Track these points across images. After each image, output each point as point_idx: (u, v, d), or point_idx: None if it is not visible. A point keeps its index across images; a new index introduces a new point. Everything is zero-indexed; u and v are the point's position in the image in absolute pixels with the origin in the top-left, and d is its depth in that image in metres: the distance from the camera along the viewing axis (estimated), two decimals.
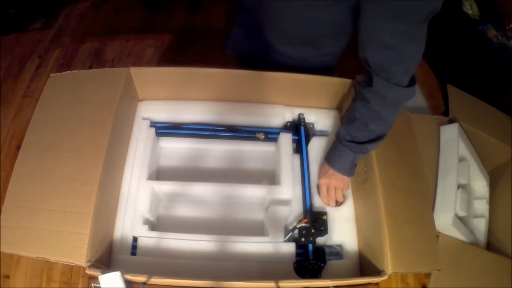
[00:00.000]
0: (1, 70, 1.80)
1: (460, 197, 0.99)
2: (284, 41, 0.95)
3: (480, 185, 1.12)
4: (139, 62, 1.86)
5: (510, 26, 1.58)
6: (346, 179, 0.90)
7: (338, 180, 0.90)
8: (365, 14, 0.71)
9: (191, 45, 2.00)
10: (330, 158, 0.91)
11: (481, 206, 1.11)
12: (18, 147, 0.83)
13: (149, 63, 1.85)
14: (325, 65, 1.04)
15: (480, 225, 1.07)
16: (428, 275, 0.94)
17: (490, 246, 1.06)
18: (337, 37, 0.93)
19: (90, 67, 1.78)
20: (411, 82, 0.76)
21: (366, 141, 0.83)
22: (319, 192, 0.95)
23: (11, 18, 2.02)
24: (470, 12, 1.65)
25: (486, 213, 1.09)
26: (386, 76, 0.74)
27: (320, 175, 0.94)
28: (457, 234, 0.96)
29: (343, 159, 0.87)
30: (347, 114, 0.86)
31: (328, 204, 0.94)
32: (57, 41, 1.94)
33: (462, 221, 0.98)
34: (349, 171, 0.88)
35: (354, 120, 0.83)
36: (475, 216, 1.09)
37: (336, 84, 0.98)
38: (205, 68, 0.95)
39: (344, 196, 0.95)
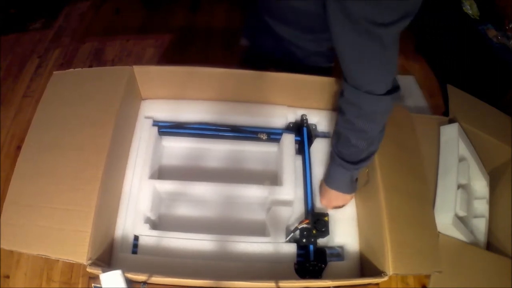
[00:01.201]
0: (1, 70, 1.80)
1: (460, 197, 1.00)
2: (285, 30, 0.95)
3: (480, 185, 1.13)
4: (139, 62, 1.86)
5: (510, 26, 1.58)
6: (347, 196, 0.89)
7: (338, 199, 0.89)
8: (327, 11, 0.66)
9: (191, 45, 2.00)
10: (327, 179, 0.89)
11: (481, 206, 1.11)
12: (18, 147, 0.83)
13: (149, 63, 1.85)
14: (326, 56, 1.03)
15: (480, 225, 1.08)
16: (428, 275, 0.94)
17: (490, 246, 1.06)
18: None
19: (90, 67, 1.78)
20: (391, 91, 0.70)
21: (355, 161, 0.79)
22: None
23: (11, 18, 2.02)
24: (470, 12, 1.65)
25: (486, 213, 1.10)
26: (356, 84, 0.69)
27: (321, 197, 0.93)
28: (457, 234, 0.96)
29: (339, 178, 0.85)
30: (334, 129, 0.84)
31: None
32: (57, 41, 1.95)
33: (462, 221, 0.99)
34: (349, 188, 0.86)
35: (338, 136, 0.80)
36: (475, 216, 1.09)
37: (338, 85, 0.98)
38: (208, 68, 0.95)
39: None
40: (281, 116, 1.03)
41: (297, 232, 0.88)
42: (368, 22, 0.58)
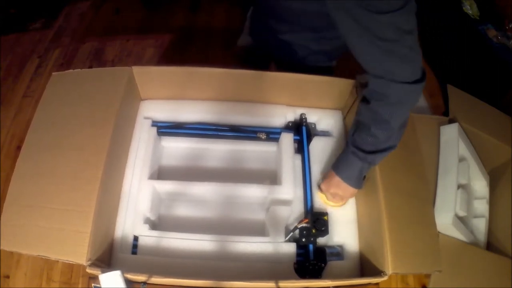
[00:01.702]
0: (1, 70, 1.80)
1: (460, 197, 0.99)
2: (286, 30, 0.95)
3: (480, 185, 1.13)
4: (139, 62, 1.86)
5: (510, 26, 1.59)
6: (351, 189, 0.84)
7: (339, 188, 0.85)
8: (330, 11, 0.67)
9: (191, 45, 2.00)
10: (337, 165, 0.85)
11: (481, 206, 1.11)
12: (18, 147, 0.83)
13: (149, 63, 1.85)
14: (327, 55, 1.03)
15: (480, 225, 1.08)
16: (428, 275, 0.94)
17: (490, 246, 1.06)
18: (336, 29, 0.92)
19: (90, 67, 1.79)
20: (419, 80, 0.69)
21: (371, 150, 0.77)
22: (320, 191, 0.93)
23: (11, 18, 2.02)
24: (470, 12, 1.66)
25: (486, 213, 1.10)
26: (380, 74, 0.69)
27: (324, 182, 0.89)
28: (457, 234, 0.96)
29: (350, 168, 0.81)
30: (354, 119, 0.82)
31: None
32: (57, 41, 1.95)
33: (462, 221, 0.99)
34: (356, 181, 0.83)
35: (358, 125, 0.78)
36: (475, 216, 1.09)
37: (338, 84, 0.98)
38: (207, 68, 0.95)
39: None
40: (280, 115, 1.03)
41: (297, 231, 0.88)
42: (371, 12, 0.60)
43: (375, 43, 0.64)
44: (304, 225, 0.87)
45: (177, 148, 1.03)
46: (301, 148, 1.01)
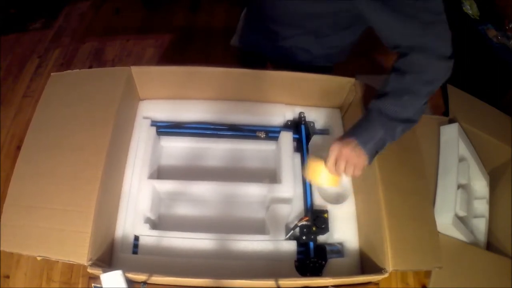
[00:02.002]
0: (1, 70, 1.80)
1: (460, 197, 0.99)
2: (287, 31, 0.95)
3: (480, 185, 1.13)
4: (139, 62, 1.87)
5: (510, 26, 1.59)
6: (364, 158, 0.75)
7: (354, 152, 0.75)
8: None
9: (191, 45, 2.00)
10: (354, 130, 0.78)
11: (481, 206, 1.11)
12: (18, 147, 0.83)
13: (149, 63, 1.85)
14: (327, 58, 1.03)
15: (480, 225, 1.08)
16: (428, 275, 0.94)
17: (490, 246, 1.06)
18: (340, 31, 0.92)
19: (90, 67, 1.79)
20: (452, 55, 0.73)
21: (395, 117, 0.75)
22: (326, 161, 0.80)
23: (11, 18, 2.02)
24: (470, 12, 1.66)
25: (486, 213, 1.10)
26: (420, 49, 0.72)
27: (338, 141, 0.77)
28: (457, 234, 0.96)
29: (369, 133, 0.76)
30: (380, 89, 0.78)
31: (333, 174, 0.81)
32: (57, 41, 1.95)
33: (462, 221, 0.99)
34: (371, 149, 0.76)
35: (386, 93, 0.76)
36: (475, 216, 1.09)
37: (337, 83, 0.98)
38: (206, 67, 0.95)
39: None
40: (279, 114, 1.03)
41: (297, 229, 0.88)
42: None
43: (414, 28, 0.71)
44: (304, 223, 0.87)
45: (176, 147, 1.03)
46: (300, 147, 1.01)
